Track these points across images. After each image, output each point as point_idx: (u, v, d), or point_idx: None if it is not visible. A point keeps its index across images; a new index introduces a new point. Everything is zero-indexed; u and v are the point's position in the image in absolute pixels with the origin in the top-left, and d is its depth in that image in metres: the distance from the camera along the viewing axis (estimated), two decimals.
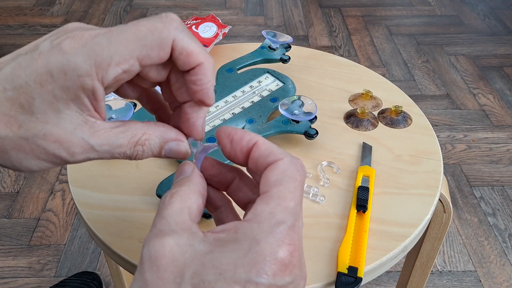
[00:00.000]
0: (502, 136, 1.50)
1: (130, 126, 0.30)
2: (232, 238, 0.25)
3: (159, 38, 0.27)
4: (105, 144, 0.29)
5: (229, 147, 0.30)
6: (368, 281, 0.44)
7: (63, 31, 0.28)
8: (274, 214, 0.25)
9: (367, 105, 0.62)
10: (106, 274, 1.11)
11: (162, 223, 0.26)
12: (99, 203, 0.49)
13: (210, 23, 0.70)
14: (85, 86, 0.27)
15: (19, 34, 2.00)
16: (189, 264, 0.24)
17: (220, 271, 0.23)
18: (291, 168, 0.28)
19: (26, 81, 0.26)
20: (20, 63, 0.26)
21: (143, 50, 0.27)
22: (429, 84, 1.73)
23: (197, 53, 0.28)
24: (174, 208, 0.26)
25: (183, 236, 0.25)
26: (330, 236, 0.46)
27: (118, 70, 0.27)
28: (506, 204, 1.29)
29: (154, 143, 0.30)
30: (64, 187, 1.32)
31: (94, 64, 0.26)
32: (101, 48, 0.26)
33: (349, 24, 2.10)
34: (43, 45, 0.27)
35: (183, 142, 0.31)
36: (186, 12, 2.17)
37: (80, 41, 0.26)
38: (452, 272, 1.13)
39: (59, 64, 0.26)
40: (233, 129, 0.30)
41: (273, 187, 0.27)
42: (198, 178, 0.29)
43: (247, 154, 0.29)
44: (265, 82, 0.61)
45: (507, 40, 1.99)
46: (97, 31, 0.27)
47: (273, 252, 0.24)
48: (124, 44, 0.27)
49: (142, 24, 0.27)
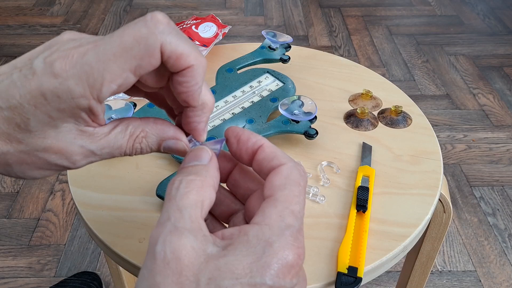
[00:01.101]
0: (502, 136, 1.50)
1: (128, 125, 0.30)
2: (244, 240, 0.25)
3: (146, 46, 0.26)
4: (106, 147, 0.29)
5: (235, 146, 0.30)
6: (368, 281, 0.44)
7: (56, 44, 0.27)
8: (283, 217, 0.26)
9: (367, 105, 0.62)
10: (106, 274, 1.11)
11: (177, 216, 0.25)
12: (99, 203, 0.49)
13: (210, 23, 0.70)
14: (81, 105, 0.26)
15: (19, 34, 2.00)
16: (204, 269, 0.23)
17: (236, 276, 0.23)
18: (295, 173, 0.28)
19: (21, 102, 0.26)
20: (15, 82, 0.26)
21: (133, 61, 0.26)
22: (429, 84, 1.73)
23: (186, 55, 0.27)
24: (190, 199, 0.26)
25: (197, 239, 0.24)
26: (330, 236, 0.46)
27: (112, 87, 0.26)
28: (506, 204, 1.29)
29: (152, 141, 0.30)
30: (64, 187, 1.32)
31: (87, 85, 0.26)
32: (91, 68, 0.26)
33: (349, 24, 2.10)
34: (36, 62, 0.26)
35: (181, 141, 0.31)
36: (186, 12, 2.17)
37: (71, 61, 0.26)
38: (452, 272, 1.13)
39: (52, 87, 0.26)
40: (241, 129, 0.30)
41: (278, 191, 0.27)
42: (215, 169, 0.29)
43: (252, 155, 0.30)
44: (265, 82, 0.61)
45: (507, 40, 1.99)
46: (85, 46, 0.26)
47: (284, 255, 0.24)
48: (112, 60, 0.26)
49: (127, 33, 0.26)
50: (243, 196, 0.32)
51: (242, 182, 0.32)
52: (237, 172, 0.32)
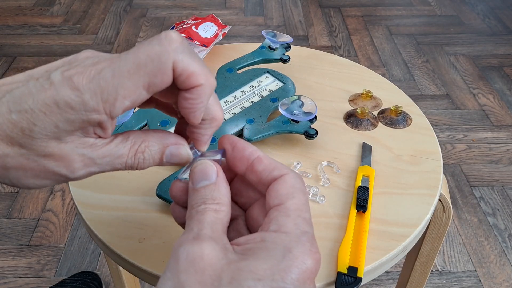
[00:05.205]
0: (502, 136, 1.50)
1: (128, 136, 0.30)
2: (262, 247, 0.26)
3: (159, 63, 0.27)
4: (107, 155, 0.29)
5: (229, 153, 0.31)
6: (368, 281, 0.44)
7: (74, 61, 0.28)
8: (298, 224, 0.27)
9: (367, 105, 0.62)
10: (106, 274, 1.11)
11: (200, 227, 0.26)
12: (99, 203, 0.49)
13: (210, 23, 0.70)
14: (91, 120, 0.27)
15: (19, 34, 2.00)
16: (226, 270, 0.24)
17: (258, 277, 0.24)
18: (299, 182, 0.29)
19: (32, 108, 0.26)
20: (30, 90, 0.27)
21: (146, 78, 0.27)
22: (429, 84, 1.73)
23: (197, 74, 0.28)
24: (211, 217, 0.27)
25: (218, 245, 0.26)
26: (330, 236, 0.46)
27: (125, 103, 0.27)
28: (506, 204, 1.29)
29: (154, 149, 0.30)
30: (64, 187, 1.32)
31: (101, 99, 0.26)
32: (106, 83, 0.26)
33: (349, 24, 2.10)
34: (54, 74, 0.27)
35: (183, 146, 0.31)
36: (186, 12, 2.17)
37: (88, 76, 0.26)
38: (452, 272, 1.13)
39: (67, 98, 0.26)
40: (236, 138, 0.31)
41: (287, 199, 0.28)
42: (224, 184, 0.30)
43: (247, 164, 0.30)
44: (265, 82, 0.61)
45: (507, 40, 1.99)
46: (102, 64, 0.27)
47: (304, 260, 0.25)
48: (127, 77, 0.27)
49: (141, 50, 0.27)
50: (244, 204, 0.33)
51: (244, 191, 0.32)
52: (239, 181, 0.33)
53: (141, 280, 0.48)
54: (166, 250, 0.44)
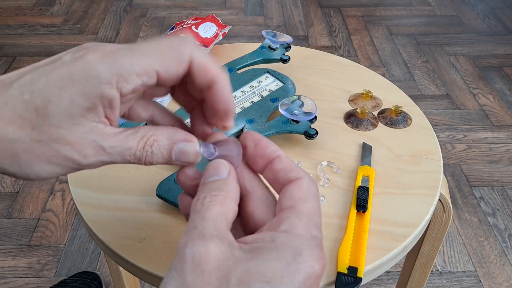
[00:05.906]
0: (502, 136, 1.50)
1: (139, 129, 0.30)
2: (272, 246, 0.26)
3: (178, 52, 0.29)
4: (116, 145, 0.29)
5: (253, 150, 0.31)
6: (368, 281, 0.44)
7: (82, 48, 0.29)
8: (309, 229, 0.27)
9: (367, 105, 0.62)
10: (106, 274, 1.11)
11: (204, 225, 0.26)
12: (99, 203, 0.49)
13: (210, 23, 0.70)
14: (104, 94, 0.27)
15: (19, 34, 2.00)
16: (234, 270, 0.24)
17: (267, 279, 0.24)
18: (314, 188, 0.29)
19: (46, 84, 0.27)
20: (41, 72, 0.27)
21: (162, 63, 0.28)
22: (429, 84, 1.73)
23: (213, 69, 0.30)
24: (215, 212, 0.27)
25: (224, 244, 0.25)
26: (330, 236, 0.46)
27: (138, 81, 0.28)
28: (506, 204, 1.29)
29: (163, 144, 0.30)
30: (64, 187, 1.32)
31: (116, 73, 0.27)
32: (124, 59, 0.27)
33: (349, 24, 2.10)
34: (65, 57, 0.28)
35: (192, 142, 0.31)
36: (186, 12, 2.17)
37: (103, 53, 0.28)
38: (452, 272, 1.13)
39: (82, 70, 0.27)
40: (259, 135, 0.32)
41: (301, 203, 0.28)
42: (234, 182, 0.30)
43: (267, 163, 0.31)
44: (265, 82, 0.61)
45: (507, 40, 1.99)
46: (118, 45, 0.29)
47: (312, 264, 0.25)
48: (145, 57, 0.28)
49: (162, 41, 0.29)
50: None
51: None
52: None
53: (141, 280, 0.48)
54: (166, 250, 0.44)
